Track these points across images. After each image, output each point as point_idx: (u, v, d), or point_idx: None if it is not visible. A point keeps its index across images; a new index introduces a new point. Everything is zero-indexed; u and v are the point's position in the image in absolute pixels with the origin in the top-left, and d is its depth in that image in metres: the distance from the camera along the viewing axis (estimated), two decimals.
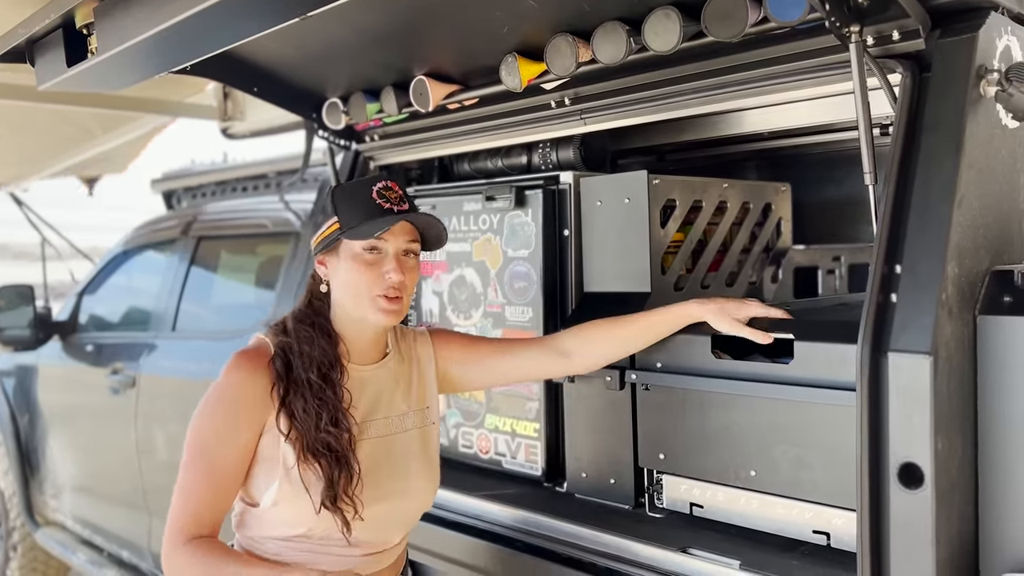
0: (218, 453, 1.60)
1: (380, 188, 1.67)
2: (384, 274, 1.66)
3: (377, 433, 1.72)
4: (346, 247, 1.68)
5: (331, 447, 1.60)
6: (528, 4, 1.84)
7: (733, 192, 2.26)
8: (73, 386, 4.44)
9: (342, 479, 1.59)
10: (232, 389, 1.63)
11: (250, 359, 1.65)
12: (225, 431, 1.61)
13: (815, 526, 1.70)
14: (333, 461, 1.59)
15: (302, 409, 1.60)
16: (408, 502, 1.76)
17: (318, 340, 1.68)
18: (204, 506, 1.58)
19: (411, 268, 1.70)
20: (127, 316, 4.41)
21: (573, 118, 2.12)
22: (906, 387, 1.34)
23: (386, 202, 1.65)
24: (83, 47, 1.86)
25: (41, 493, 4.80)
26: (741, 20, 1.59)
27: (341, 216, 1.68)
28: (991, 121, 1.47)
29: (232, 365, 1.65)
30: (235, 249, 4.02)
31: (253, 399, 1.62)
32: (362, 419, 1.71)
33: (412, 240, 1.71)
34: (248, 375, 1.63)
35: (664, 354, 1.90)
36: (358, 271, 1.66)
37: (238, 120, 4.36)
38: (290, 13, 1.56)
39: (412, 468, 1.76)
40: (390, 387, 1.78)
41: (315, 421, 1.59)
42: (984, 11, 1.46)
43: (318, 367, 1.64)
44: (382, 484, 1.69)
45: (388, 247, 1.67)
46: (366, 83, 2.40)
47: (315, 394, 1.61)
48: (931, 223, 1.38)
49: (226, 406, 1.63)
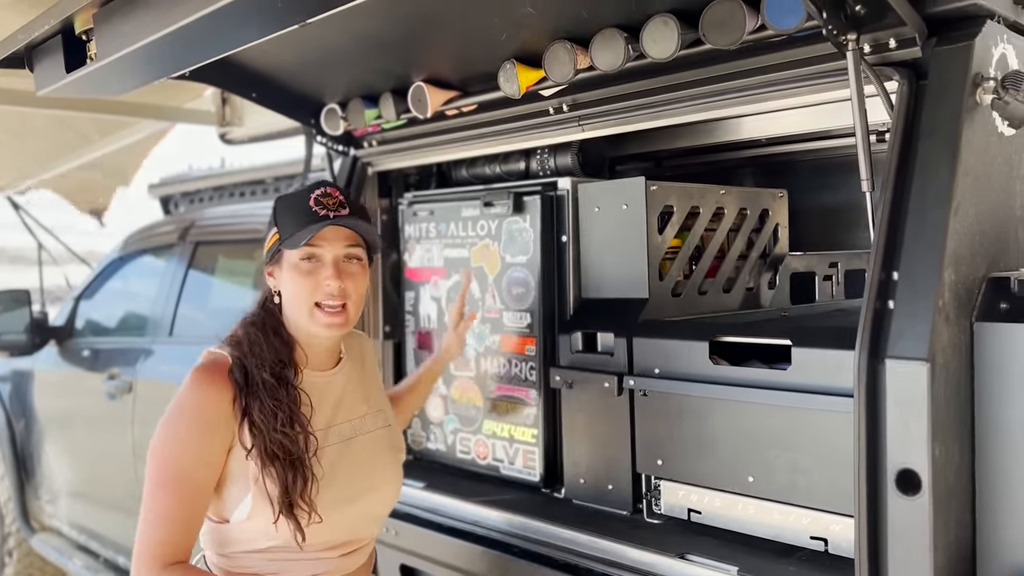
0: (191, 474, 1.55)
1: (318, 195, 1.66)
2: (322, 282, 1.65)
3: (341, 436, 1.73)
4: (287, 257, 1.68)
5: (287, 449, 1.57)
6: (527, 11, 1.84)
7: (730, 198, 2.27)
8: (69, 391, 4.43)
9: (298, 483, 1.57)
10: (197, 407, 1.59)
11: (209, 373, 1.62)
12: (196, 450, 1.56)
13: (813, 532, 1.70)
14: (288, 465, 1.57)
15: (258, 410, 1.58)
16: (379, 498, 1.78)
17: (271, 340, 1.66)
18: (179, 530, 1.54)
19: (353, 274, 1.69)
20: (124, 321, 4.40)
21: (571, 124, 2.12)
22: (903, 394, 1.34)
23: (323, 208, 1.64)
24: (82, 53, 1.86)
25: (37, 499, 4.79)
26: (739, 28, 1.60)
27: (280, 226, 1.67)
28: (987, 129, 1.47)
29: (193, 382, 1.61)
30: (232, 254, 4.01)
31: (218, 414, 1.58)
32: (326, 425, 1.70)
33: (352, 245, 1.69)
34: (210, 389, 1.59)
35: (662, 360, 1.91)
36: (296, 280, 1.66)
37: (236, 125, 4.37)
38: (289, 20, 1.56)
39: (378, 467, 1.78)
40: (348, 390, 1.79)
41: (271, 423, 1.57)
42: (980, 19, 1.46)
43: (271, 367, 1.62)
44: (353, 484, 1.70)
45: (325, 254, 1.66)
46: (365, 89, 2.41)
47: (270, 394, 1.59)
48: (928, 230, 1.38)
49: (193, 425, 1.58)
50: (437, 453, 2.49)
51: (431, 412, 2.52)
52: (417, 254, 2.54)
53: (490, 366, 2.34)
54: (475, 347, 2.37)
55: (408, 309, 2.58)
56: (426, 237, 2.50)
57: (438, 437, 2.49)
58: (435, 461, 2.51)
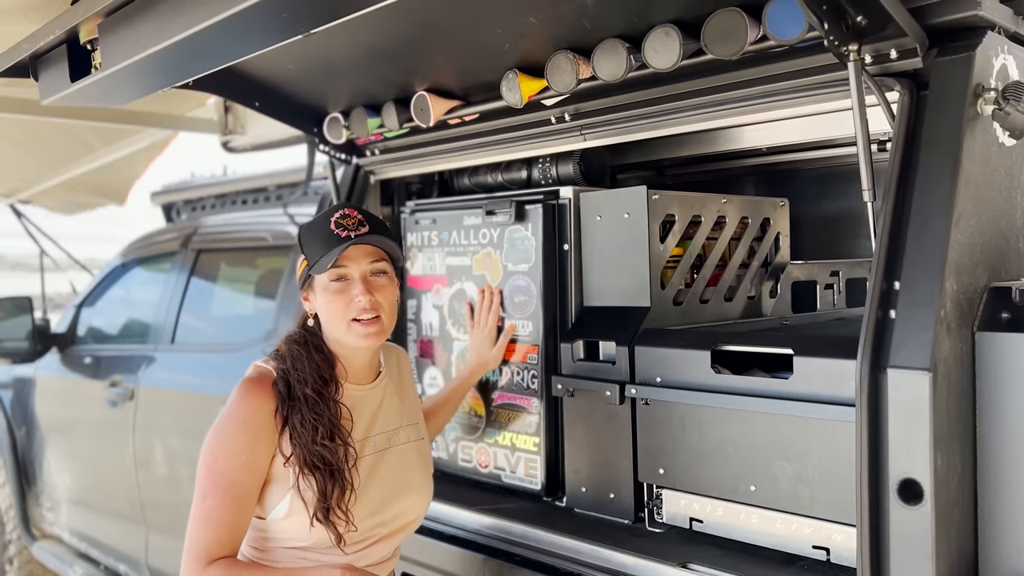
0: (239, 478, 1.64)
1: (338, 218, 1.74)
2: (353, 298, 1.72)
3: (376, 448, 1.80)
4: (318, 281, 1.76)
5: (326, 460, 1.66)
6: (529, 21, 1.85)
7: (732, 207, 2.27)
8: (71, 398, 4.43)
9: (335, 492, 1.65)
10: (246, 416, 1.68)
11: (258, 385, 1.71)
12: (244, 456, 1.65)
13: (815, 541, 1.70)
14: (327, 475, 1.65)
15: (299, 423, 1.67)
16: (409, 506, 1.83)
17: (312, 357, 1.75)
18: (227, 530, 1.63)
19: (382, 287, 1.76)
20: (126, 328, 4.41)
21: (573, 134, 2.13)
22: (905, 403, 1.34)
23: (343, 230, 1.72)
24: (87, 62, 1.87)
25: (38, 506, 4.78)
26: (740, 38, 1.61)
27: (307, 253, 1.76)
28: (988, 139, 1.48)
29: (242, 392, 1.71)
30: (235, 262, 4.02)
31: (265, 422, 1.68)
32: (362, 436, 1.78)
33: (377, 260, 1.77)
34: (258, 401, 1.69)
35: (664, 369, 1.91)
36: (330, 301, 1.74)
37: (239, 134, 4.38)
38: (293, 30, 1.57)
39: (409, 477, 1.84)
40: (385, 403, 1.86)
41: (311, 435, 1.66)
42: (981, 30, 1.47)
43: (312, 383, 1.71)
44: (385, 493, 1.77)
45: (353, 272, 1.74)
46: (367, 98, 2.42)
47: (311, 408, 1.68)
48: (929, 240, 1.39)
49: (242, 432, 1.67)
50: (439, 461, 2.49)
51: None
52: (419, 262, 2.54)
53: (492, 374, 2.34)
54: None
55: (410, 317, 2.58)
56: (428, 245, 2.51)
57: (440, 445, 2.50)
58: (437, 469, 2.50)
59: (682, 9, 1.70)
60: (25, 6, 2.20)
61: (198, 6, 1.49)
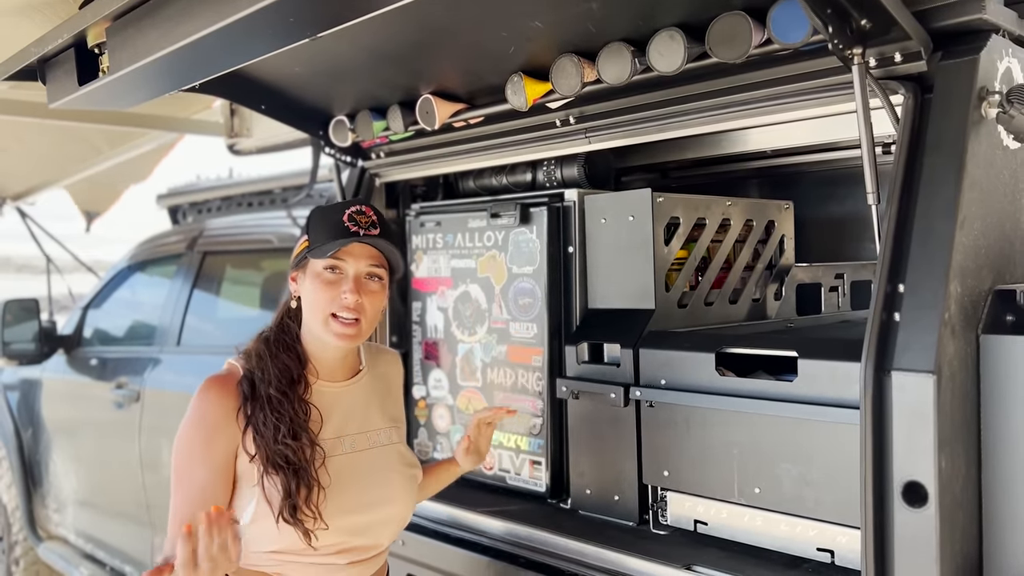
0: (193, 474, 1.66)
1: (352, 212, 1.73)
2: (341, 294, 1.71)
3: (353, 447, 1.79)
4: (312, 265, 1.75)
5: (289, 460, 1.65)
6: (534, 25, 1.86)
7: (736, 210, 2.28)
8: (77, 400, 4.45)
9: (301, 491, 1.64)
10: (201, 411, 1.70)
11: (219, 382, 1.72)
12: (197, 451, 1.67)
13: (819, 543, 1.70)
14: (291, 474, 1.64)
15: (262, 423, 1.66)
16: (393, 509, 1.81)
17: (280, 357, 1.75)
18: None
19: (372, 292, 1.75)
20: (132, 330, 4.42)
21: (578, 136, 2.14)
22: (910, 406, 1.34)
23: (355, 225, 1.71)
24: (95, 66, 1.88)
25: (44, 507, 4.80)
26: (745, 42, 1.61)
27: (311, 235, 1.75)
28: (992, 142, 1.48)
29: (202, 389, 1.72)
30: (240, 264, 4.03)
31: (221, 419, 1.68)
32: (334, 435, 1.76)
33: (376, 264, 1.76)
34: (216, 397, 1.70)
35: (668, 371, 1.91)
36: (317, 289, 1.73)
37: (244, 137, 4.39)
38: (300, 34, 1.58)
39: (393, 478, 1.82)
40: (364, 403, 1.85)
41: (273, 434, 1.65)
42: (985, 34, 1.47)
43: (276, 382, 1.70)
44: (363, 493, 1.75)
45: (348, 268, 1.73)
46: (373, 101, 2.43)
47: (274, 408, 1.68)
48: (933, 242, 1.39)
49: (195, 428, 1.69)
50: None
51: (437, 423, 2.53)
52: (424, 264, 2.55)
53: (496, 376, 2.34)
54: (482, 357, 2.38)
55: (415, 319, 2.59)
56: (433, 248, 2.52)
57: (444, 447, 2.50)
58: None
59: (686, 13, 1.71)
60: (26, 6, 2.21)
61: (205, 10, 1.50)
